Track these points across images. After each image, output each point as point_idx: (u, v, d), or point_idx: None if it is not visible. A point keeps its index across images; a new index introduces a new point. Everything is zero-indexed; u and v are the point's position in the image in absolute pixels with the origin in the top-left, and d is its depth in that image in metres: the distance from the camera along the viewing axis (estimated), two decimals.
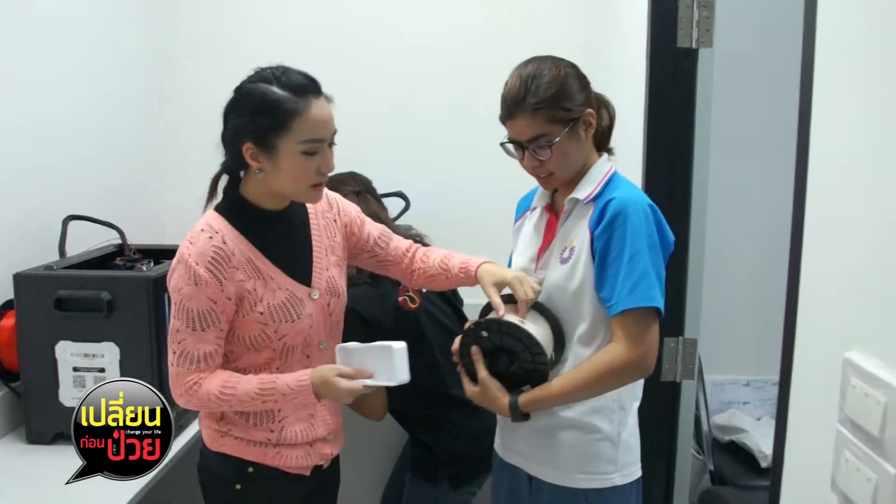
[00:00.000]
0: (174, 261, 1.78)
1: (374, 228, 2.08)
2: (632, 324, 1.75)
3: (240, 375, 1.81)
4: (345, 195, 2.54)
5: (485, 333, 1.82)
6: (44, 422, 2.30)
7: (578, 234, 1.83)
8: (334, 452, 2.04)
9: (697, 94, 2.36)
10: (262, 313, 1.80)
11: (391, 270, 2.10)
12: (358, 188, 2.63)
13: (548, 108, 1.77)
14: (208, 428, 1.93)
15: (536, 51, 1.87)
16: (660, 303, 1.76)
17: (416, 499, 2.64)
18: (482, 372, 1.84)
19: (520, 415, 1.82)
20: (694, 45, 2.32)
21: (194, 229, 1.80)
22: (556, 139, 1.78)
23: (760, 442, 3.23)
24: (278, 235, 1.88)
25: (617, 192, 1.80)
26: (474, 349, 1.85)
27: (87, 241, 2.56)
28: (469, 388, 1.88)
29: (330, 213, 2.01)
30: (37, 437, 2.30)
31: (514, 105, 1.80)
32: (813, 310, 1.26)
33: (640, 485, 1.92)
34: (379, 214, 2.60)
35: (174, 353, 1.78)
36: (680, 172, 2.37)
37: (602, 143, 1.95)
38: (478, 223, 3.17)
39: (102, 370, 2.25)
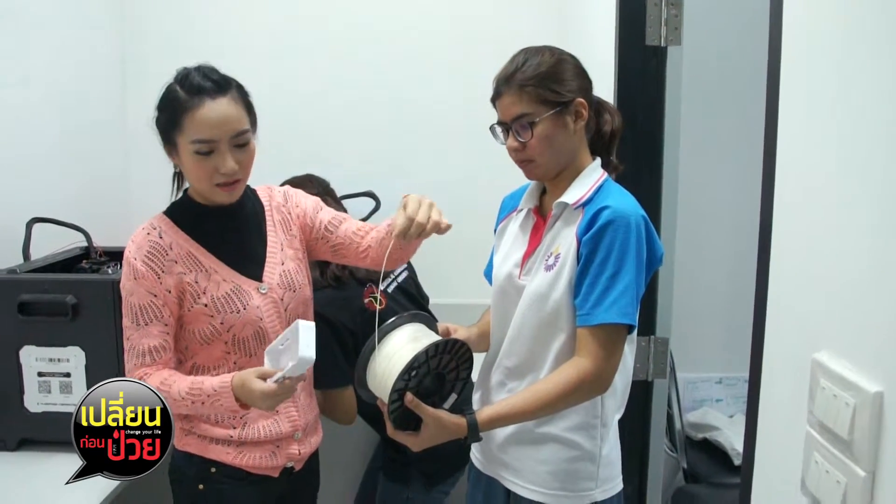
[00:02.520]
0: None
1: (327, 214, 2.04)
2: (605, 338, 1.70)
3: (179, 375, 1.82)
4: None
5: (413, 373, 1.67)
6: (8, 428, 2.27)
7: (565, 241, 1.78)
8: (305, 453, 1.99)
9: (667, 93, 2.35)
10: (206, 305, 1.82)
11: (346, 255, 2.03)
12: (315, 190, 2.60)
13: (534, 87, 1.74)
14: (176, 426, 1.89)
15: (504, 49, 1.85)
16: (636, 321, 1.72)
17: (390, 500, 2.63)
18: (428, 410, 1.70)
19: (478, 436, 1.73)
20: (663, 43, 2.32)
21: (137, 229, 1.86)
22: (538, 119, 1.74)
23: (733, 439, 3.24)
24: (224, 230, 1.90)
25: (610, 199, 1.74)
26: (408, 397, 1.69)
27: (52, 243, 2.53)
28: (414, 441, 1.74)
29: (285, 207, 2.01)
30: (1, 443, 2.26)
31: (503, 82, 1.78)
32: (781, 311, 1.25)
33: (621, 498, 1.90)
34: None
35: (125, 349, 1.83)
36: (649, 171, 2.36)
37: (601, 150, 1.90)
38: (451, 222, 3.17)
39: (68, 375, 2.22)
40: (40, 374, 2.24)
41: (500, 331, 1.90)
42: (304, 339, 1.66)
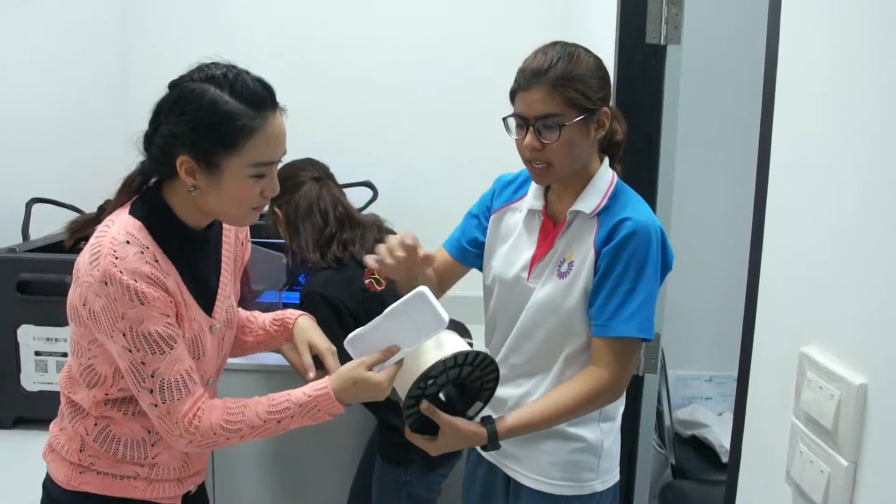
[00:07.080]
0: (92, 276, 1.46)
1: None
2: (622, 351, 1.72)
3: (241, 400, 1.59)
4: (304, 181, 2.54)
5: (430, 381, 1.63)
6: (5, 406, 2.30)
7: (580, 250, 1.76)
8: (199, 481, 1.84)
9: (665, 91, 2.37)
10: None
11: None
12: (317, 174, 2.61)
13: (568, 88, 1.64)
14: (62, 462, 1.66)
15: (505, 43, 1.86)
16: (653, 334, 1.74)
17: (387, 483, 2.63)
18: (444, 418, 1.66)
19: (497, 445, 1.72)
20: (662, 42, 2.33)
21: (114, 237, 1.49)
22: (567, 123, 1.66)
23: (722, 437, 3.26)
24: (195, 257, 1.64)
25: (628, 210, 1.72)
26: (423, 404, 1.65)
27: (51, 224, 2.54)
28: (432, 446, 1.72)
29: (237, 241, 1.81)
30: None
31: (534, 76, 1.66)
32: (772, 305, 1.27)
33: (617, 489, 1.93)
34: (340, 199, 2.60)
35: (151, 391, 1.49)
36: (646, 168, 2.38)
37: (611, 156, 1.86)
38: (446, 212, 3.18)
39: (65, 354, 2.24)
40: (37, 353, 2.26)
41: (506, 327, 1.90)
42: (435, 302, 1.57)
